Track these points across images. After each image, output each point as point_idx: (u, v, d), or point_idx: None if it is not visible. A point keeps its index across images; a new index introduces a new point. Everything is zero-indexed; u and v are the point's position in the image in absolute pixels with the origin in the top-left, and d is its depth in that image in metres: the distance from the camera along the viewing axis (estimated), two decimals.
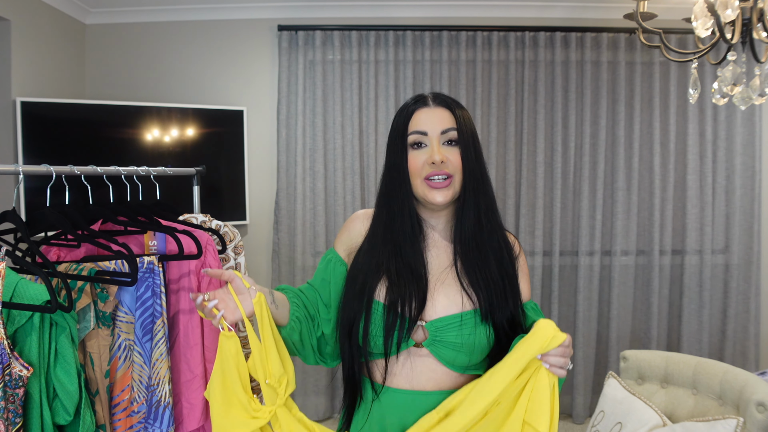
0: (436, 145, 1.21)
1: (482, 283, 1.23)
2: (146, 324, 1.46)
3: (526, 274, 1.32)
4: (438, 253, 1.28)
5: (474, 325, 1.20)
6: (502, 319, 1.21)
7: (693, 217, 3.59)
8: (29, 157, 2.95)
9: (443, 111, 1.23)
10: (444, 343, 1.20)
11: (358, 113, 3.55)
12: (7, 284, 1.23)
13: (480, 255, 1.24)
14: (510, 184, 3.57)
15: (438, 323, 1.21)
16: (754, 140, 3.56)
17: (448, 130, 1.22)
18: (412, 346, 1.21)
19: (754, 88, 2.05)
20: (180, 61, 3.63)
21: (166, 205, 1.74)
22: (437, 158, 1.19)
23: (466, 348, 1.20)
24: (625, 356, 2.38)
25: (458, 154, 1.21)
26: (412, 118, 1.24)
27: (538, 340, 1.10)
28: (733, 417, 1.93)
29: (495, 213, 1.27)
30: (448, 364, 1.21)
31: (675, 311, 3.66)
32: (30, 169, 1.45)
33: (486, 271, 1.23)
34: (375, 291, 1.23)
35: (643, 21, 2.26)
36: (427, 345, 1.21)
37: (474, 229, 1.24)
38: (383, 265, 1.24)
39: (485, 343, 1.21)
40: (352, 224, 1.34)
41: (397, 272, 1.23)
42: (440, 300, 1.23)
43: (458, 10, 3.58)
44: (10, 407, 1.21)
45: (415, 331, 1.21)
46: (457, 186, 1.23)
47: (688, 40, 3.49)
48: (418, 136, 1.22)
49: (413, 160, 1.22)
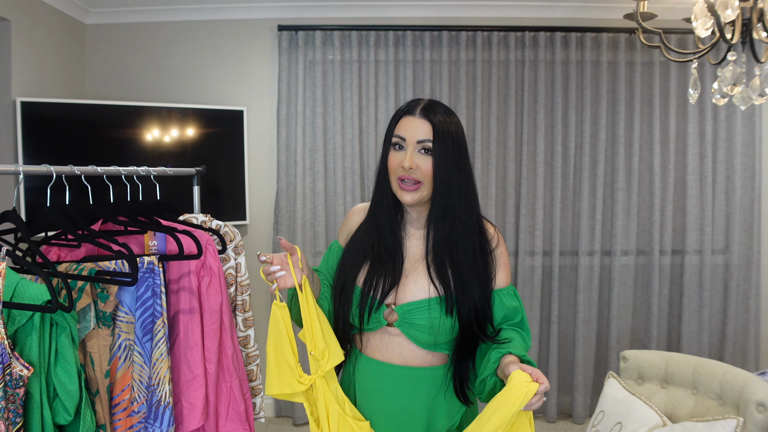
0: (410, 152, 1.35)
1: (450, 278, 1.37)
2: (146, 324, 1.46)
3: (504, 263, 1.44)
4: (415, 243, 1.44)
5: (440, 311, 1.36)
6: (467, 310, 1.36)
7: (693, 217, 3.59)
8: (29, 157, 2.95)
9: (424, 123, 1.35)
10: (413, 325, 1.37)
11: (358, 113, 3.55)
12: (7, 284, 1.23)
13: (450, 255, 1.38)
14: (510, 184, 3.57)
15: (406, 307, 1.38)
16: (754, 140, 3.57)
17: (423, 140, 1.34)
18: (385, 325, 1.40)
19: (754, 88, 2.05)
20: (180, 61, 3.63)
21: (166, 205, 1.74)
22: (406, 164, 1.34)
23: (432, 330, 1.36)
24: (625, 356, 2.38)
25: (430, 163, 1.34)
26: (398, 123, 1.39)
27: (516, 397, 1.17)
28: (733, 417, 1.93)
29: (472, 220, 1.39)
30: (417, 342, 1.39)
31: (675, 311, 3.66)
32: (30, 169, 1.45)
33: (455, 269, 1.37)
34: (358, 274, 1.42)
35: (643, 21, 2.27)
36: (397, 325, 1.39)
37: (446, 232, 1.37)
38: (368, 249, 1.43)
39: (449, 328, 1.37)
40: (351, 218, 1.54)
41: (376, 256, 1.41)
42: (410, 286, 1.40)
43: (458, 10, 3.58)
44: (10, 407, 1.21)
45: (389, 314, 1.39)
46: (425, 191, 1.36)
47: (688, 40, 3.49)
48: (398, 140, 1.38)
49: (392, 159, 1.39)
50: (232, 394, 1.58)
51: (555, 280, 3.57)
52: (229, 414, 1.57)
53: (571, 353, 3.65)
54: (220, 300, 1.57)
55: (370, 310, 1.38)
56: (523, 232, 3.57)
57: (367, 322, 1.39)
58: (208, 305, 1.55)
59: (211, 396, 1.53)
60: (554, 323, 3.58)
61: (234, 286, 1.71)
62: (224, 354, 1.57)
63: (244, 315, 1.72)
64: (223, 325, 1.57)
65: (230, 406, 1.57)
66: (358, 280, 1.42)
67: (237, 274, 1.72)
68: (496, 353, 1.31)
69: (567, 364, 3.67)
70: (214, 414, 1.55)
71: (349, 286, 1.41)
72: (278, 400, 3.64)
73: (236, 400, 1.58)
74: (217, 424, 1.55)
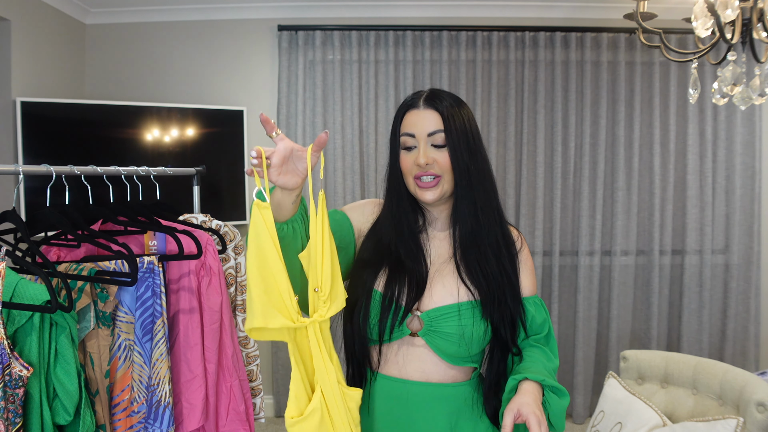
0: (422, 148, 1.22)
1: (481, 277, 1.24)
2: (146, 324, 1.46)
3: (529, 268, 1.33)
4: (439, 245, 1.31)
5: (472, 316, 1.22)
6: (500, 313, 1.23)
7: (693, 217, 3.59)
8: (29, 157, 2.95)
9: (432, 113, 1.23)
10: (439, 333, 1.22)
11: (358, 113, 3.55)
12: (7, 284, 1.23)
13: (478, 250, 1.26)
14: (510, 184, 3.57)
15: (433, 313, 1.23)
16: (754, 140, 3.57)
17: (434, 132, 1.22)
18: (407, 335, 1.23)
19: (754, 88, 2.05)
20: (180, 61, 3.63)
21: (166, 205, 1.74)
22: (422, 161, 1.21)
23: (463, 338, 1.21)
24: (625, 356, 2.38)
25: (446, 154, 1.22)
26: (403, 120, 1.27)
27: None
28: (733, 417, 1.93)
29: (494, 209, 1.29)
30: (442, 354, 1.23)
31: (675, 311, 3.66)
32: (30, 169, 1.45)
33: (485, 265, 1.25)
34: (376, 279, 1.26)
35: (643, 21, 2.26)
36: (422, 335, 1.23)
37: (471, 225, 1.26)
38: (385, 255, 1.27)
39: (482, 335, 1.23)
40: (366, 207, 1.36)
41: (397, 262, 1.25)
42: (437, 290, 1.25)
43: (458, 10, 3.58)
44: (10, 407, 1.21)
45: (411, 321, 1.23)
46: (446, 185, 1.24)
47: (688, 40, 3.49)
48: (407, 138, 1.25)
49: (404, 161, 1.26)
50: (232, 394, 1.58)
51: (555, 280, 3.57)
52: (229, 414, 1.56)
53: (571, 353, 3.65)
54: (220, 300, 1.57)
55: (394, 319, 1.21)
56: (523, 232, 3.56)
57: (390, 333, 1.22)
58: (208, 305, 1.55)
59: (211, 396, 1.53)
60: (554, 323, 3.58)
61: (234, 286, 1.71)
62: (224, 354, 1.57)
63: (244, 315, 1.72)
64: (223, 325, 1.57)
65: (230, 406, 1.57)
66: (377, 286, 1.25)
67: (237, 274, 1.72)
68: (511, 380, 1.19)
69: (567, 364, 3.67)
70: (214, 414, 1.54)
71: (367, 295, 1.24)
72: (278, 400, 3.64)
73: (236, 400, 1.58)
74: (217, 424, 1.55)
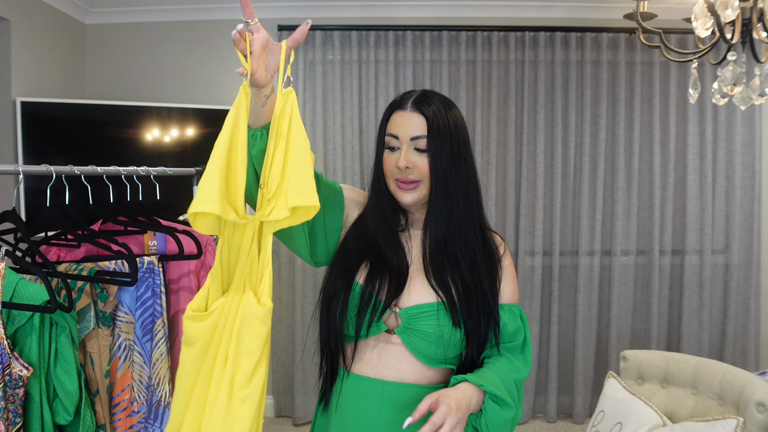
0: (404, 151, 1.22)
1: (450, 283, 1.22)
2: (146, 324, 1.46)
3: (510, 275, 1.31)
4: (419, 244, 1.29)
5: (448, 319, 1.20)
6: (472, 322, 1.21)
7: (693, 217, 3.59)
8: (29, 157, 2.95)
9: (417, 117, 1.22)
10: (416, 332, 1.20)
11: (358, 113, 3.55)
12: (7, 284, 1.23)
13: (450, 258, 1.24)
14: (510, 184, 3.57)
15: (411, 311, 1.21)
16: (754, 140, 3.57)
17: (418, 137, 1.21)
18: (383, 331, 1.21)
19: (754, 88, 2.05)
20: (180, 61, 3.63)
21: (166, 205, 1.74)
22: (402, 164, 1.21)
23: (441, 339, 1.19)
24: (625, 356, 2.38)
25: (427, 160, 1.21)
26: (390, 119, 1.26)
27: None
28: (733, 417, 1.92)
29: (472, 218, 1.26)
30: (418, 353, 1.20)
31: (675, 311, 3.66)
32: (30, 169, 1.45)
33: (455, 273, 1.23)
34: (357, 272, 1.24)
35: (643, 21, 2.26)
36: (399, 332, 1.20)
37: (442, 232, 1.24)
38: (368, 249, 1.26)
39: (459, 340, 1.21)
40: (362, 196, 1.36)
41: (378, 257, 1.25)
42: (415, 288, 1.23)
43: (458, 10, 3.58)
44: (10, 407, 1.21)
45: (389, 317, 1.21)
46: (425, 189, 1.24)
47: (688, 40, 3.49)
48: (391, 138, 1.24)
49: (386, 161, 1.26)
50: None
51: (555, 280, 3.57)
52: None
53: (571, 353, 3.65)
54: None
55: (372, 314, 1.19)
56: (523, 232, 3.56)
57: (367, 329, 1.20)
58: None
59: None
60: (554, 323, 3.58)
61: None
62: None
63: None
64: None
65: None
66: (359, 278, 1.24)
67: None
68: (453, 380, 1.16)
69: (567, 364, 3.67)
70: None
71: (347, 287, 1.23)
72: (278, 400, 3.63)
73: None
74: None
